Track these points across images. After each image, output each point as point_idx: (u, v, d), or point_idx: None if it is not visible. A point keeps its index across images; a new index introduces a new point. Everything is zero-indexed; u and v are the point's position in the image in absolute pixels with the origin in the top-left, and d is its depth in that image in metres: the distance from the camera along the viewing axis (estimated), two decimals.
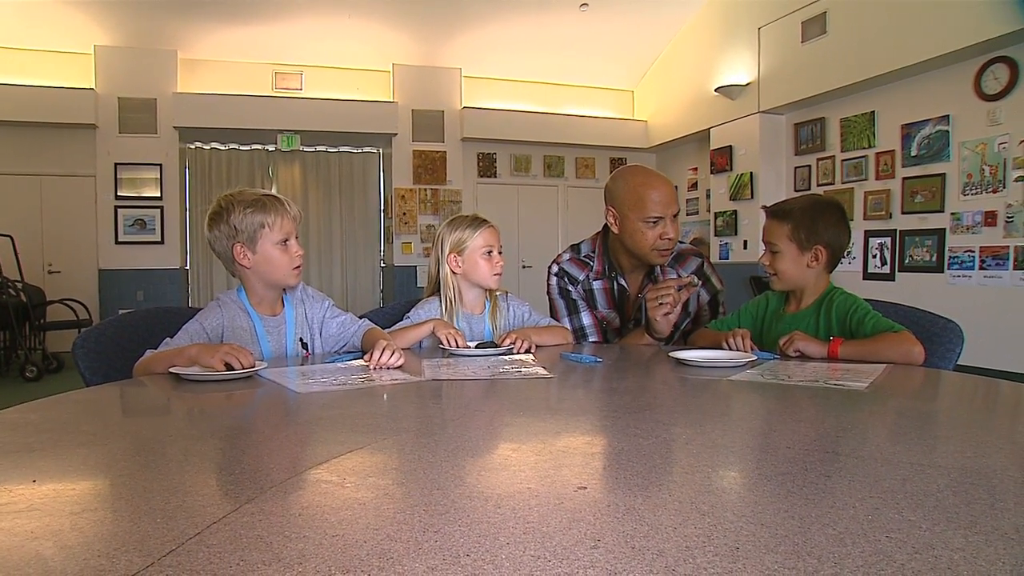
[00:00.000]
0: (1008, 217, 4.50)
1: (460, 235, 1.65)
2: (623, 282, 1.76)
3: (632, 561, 0.44)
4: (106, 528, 0.52)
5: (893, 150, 5.27)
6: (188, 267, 7.01)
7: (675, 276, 1.71)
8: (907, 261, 5.22)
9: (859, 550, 0.45)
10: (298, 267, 1.44)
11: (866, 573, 0.42)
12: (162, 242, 6.69)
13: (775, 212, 1.50)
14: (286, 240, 1.40)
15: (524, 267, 7.77)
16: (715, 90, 6.65)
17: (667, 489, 0.58)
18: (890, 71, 5.05)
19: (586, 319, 1.77)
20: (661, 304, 1.54)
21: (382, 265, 7.64)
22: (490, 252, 1.65)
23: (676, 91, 7.47)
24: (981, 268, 4.68)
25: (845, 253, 5.39)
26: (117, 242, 6.58)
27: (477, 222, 1.67)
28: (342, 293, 7.46)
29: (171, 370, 1.18)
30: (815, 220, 1.44)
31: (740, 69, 6.47)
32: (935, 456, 0.69)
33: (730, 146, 6.65)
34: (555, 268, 1.83)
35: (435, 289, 1.70)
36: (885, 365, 1.23)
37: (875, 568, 0.42)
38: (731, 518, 0.51)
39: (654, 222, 1.61)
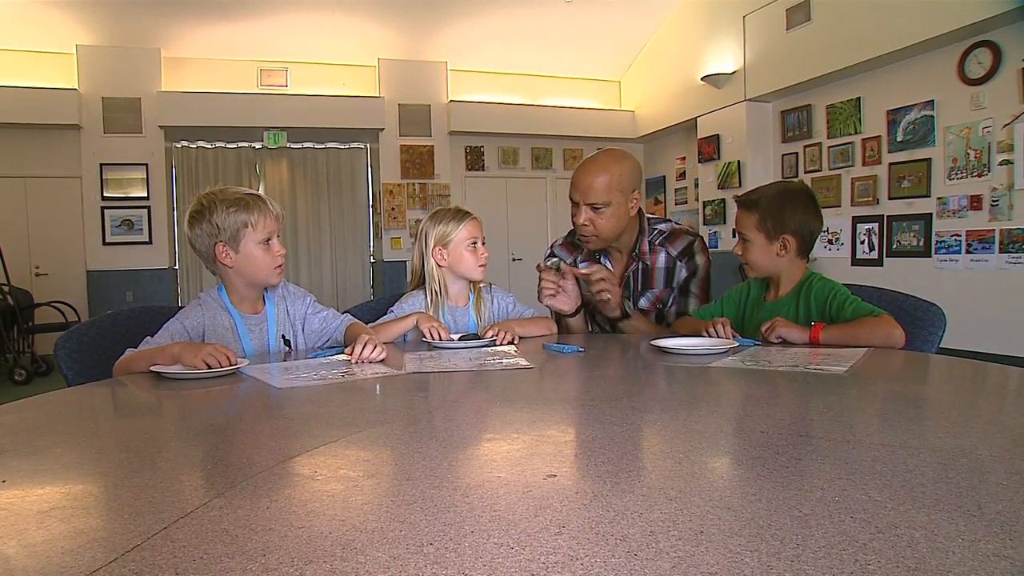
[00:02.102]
0: (993, 201, 4.53)
1: (444, 228, 1.65)
2: (608, 264, 1.77)
3: (595, 546, 0.44)
4: (72, 526, 0.52)
5: (879, 136, 5.30)
6: (177, 267, 6.95)
7: (665, 255, 1.73)
8: (894, 246, 5.26)
9: (822, 531, 0.45)
10: (280, 266, 1.43)
11: (827, 553, 0.42)
12: (150, 242, 6.64)
13: (743, 202, 1.51)
14: (268, 239, 1.40)
15: (514, 260, 7.76)
16: (701, 79, 6.65)
17: (636, 475, 0.58)
18: (875, 57, 5.06)
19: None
20: (599, 292, 1.59)
21: (371, 261, 7.61)
22: (475, 244, 1.65)
23: (662, 81, 7.46)
24: (968, 252, 4.72)
25: (833, 239, 5.35)
26: (105, 243, 6.52)
27: (461, 214, 1.67)
28: (332, 289, 7.43)
29: (152, 368, 1.18)
30: (781, 209, 1.45)
31: (726, 57, 6.46)
32: (908, 437, 0.69)
33: (717, 135, 6.66)
34: (547, 252, 1.86)
35: (419, 282, 1.70)
36: (866, 349, 1.23)
37: (836, 548, 0.43)
38: (698, 502, 0.51)
39: (574, 205, 1.65)
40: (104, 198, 6.48)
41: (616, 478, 0.59)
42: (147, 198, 6.60)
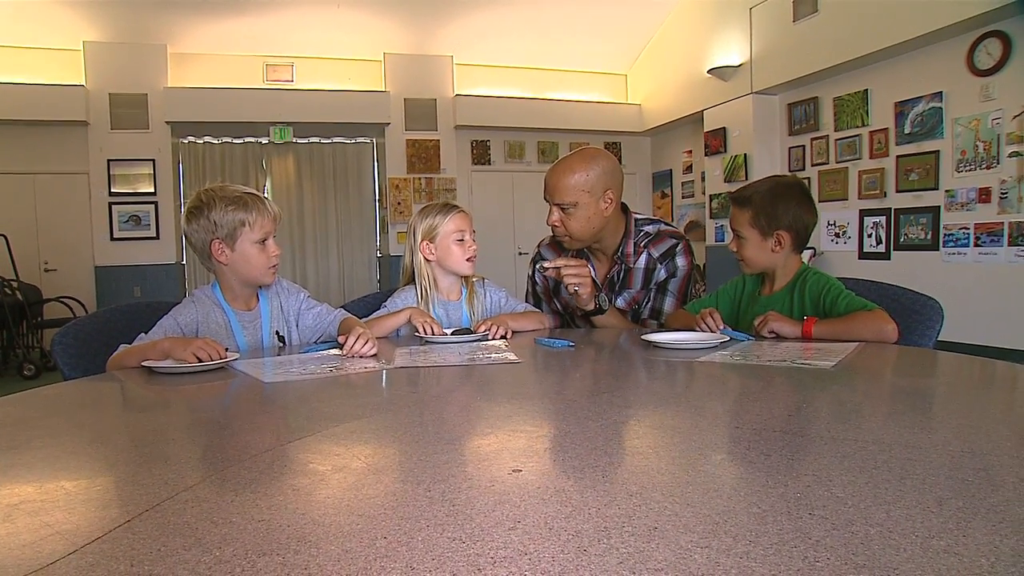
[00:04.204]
0: (1002, 193, 4.46)
1: (431, 222, 1.64)
2: (591, 268, 1.75)
3: (546, 542, 0.44)
4: (38, 519, 0.52)
5: (887, 128, 5.23)
6: (184, 262, 6.99)
7: (646, 257, 1.71)
8: (902, 240, 5.19)
9: (777, 528, 0.45)
10: (274, 267, 1.45)
11: (778, 550, 0.42)
12: (157, 237, 6.67)
13: (736, 199, 1.49)
14: (264, 240, 1.41)
15: (520, 254, 7.75)
16: (708, 72, 6.59)
17: (601, 471, 0.58)
18: (882, 48, 4.98)
19: (543, 308, 1.81)
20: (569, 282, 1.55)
21: (378, 255, 7.62)
22: (462, 238, 1.64)
23: (669, 74, 7.40)
24: (976, 245, 4.65)
25: (840, 233, 5.29)
26: (112, 239, 6.55)
27: (448, 208, 1.67)
28: (339, 284, 7.44)
29: (143, 363, 1.19)
30: (775, 205, 1.43)
31: (732, 50, 6.40)
32: (882, 433, 0.68)
33: (724, 128, 6.60)
34: (534, 252, 1.85)
35: (410, 278, 1.70)
36: (857, 344, 1.22)
37: (788, 545, 0.42)
38: (657, 498, 0.51)
39: (549, 205, 1.63)
40: (112, 194, 6.52)
41: (580, 473, 0.59)
42: (154, 193, 6.63)
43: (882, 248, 5.36)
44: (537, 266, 1.70)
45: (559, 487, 0.55)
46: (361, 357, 1.26)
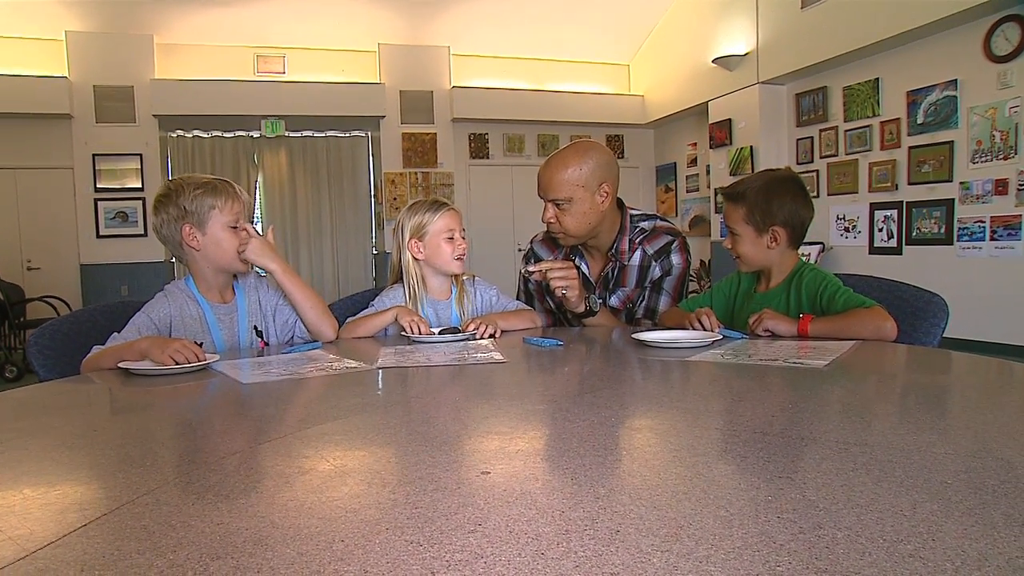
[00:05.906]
0: (1020, 185, 4.35)
1: (420, 219, 1.60)
2: (585, 265, 1.72)
3: (504, 545, 0.43)
4: None
5: (898, 118, 5.13)
6: (173, 260, 6.93)
7: (641, 254, 1.67)
8: (915, 234, 5.09)
9: (743, 531, 0.43)
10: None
11: (739, 555, 0.40)
12: (145, 235, 6.51)
13: (729, 195, 1.46)
14: (235, 224, 1.39)
15: (520, 250, 7.67)
16: (713, 61, 6.51)
17: (571, 473, 0.56)
18: (894, 35, 4.88)
19: (535, 306, 1.78)
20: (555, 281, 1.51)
21: (374, 252, 7.48)
22: (452, 236, 1.60)
23: (673, 64, 7.32)
24: (992, 239, 4.53)
25: (850, 227, 5.17)
26: (99, 236, 6.43)
27: (437, 205, 1.63)
28: (334, 281, 7.30)
29: (120, 365, 1.15)
30: (769, 201, 1.40)
31: (738, 39, 6.32)
32: (866, 434, 0.66)
33: (729, 119, 6.52)
34: (527, 248, 1.82)
35: (399, 277, 1.66)
36: (853, 342, 1.19)
37: (751, 549, 0.41)
38: (624, 500, 0.49)
39: (543, 202, 1.60)
40: (97, 190, 6.39)
41: (550, 476, 0.57)
42: (142, 189, 6.48)
43: (893, 243, 5.27)
44: (522, 271, 1.67)
45: (525, 490, 0.53)
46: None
